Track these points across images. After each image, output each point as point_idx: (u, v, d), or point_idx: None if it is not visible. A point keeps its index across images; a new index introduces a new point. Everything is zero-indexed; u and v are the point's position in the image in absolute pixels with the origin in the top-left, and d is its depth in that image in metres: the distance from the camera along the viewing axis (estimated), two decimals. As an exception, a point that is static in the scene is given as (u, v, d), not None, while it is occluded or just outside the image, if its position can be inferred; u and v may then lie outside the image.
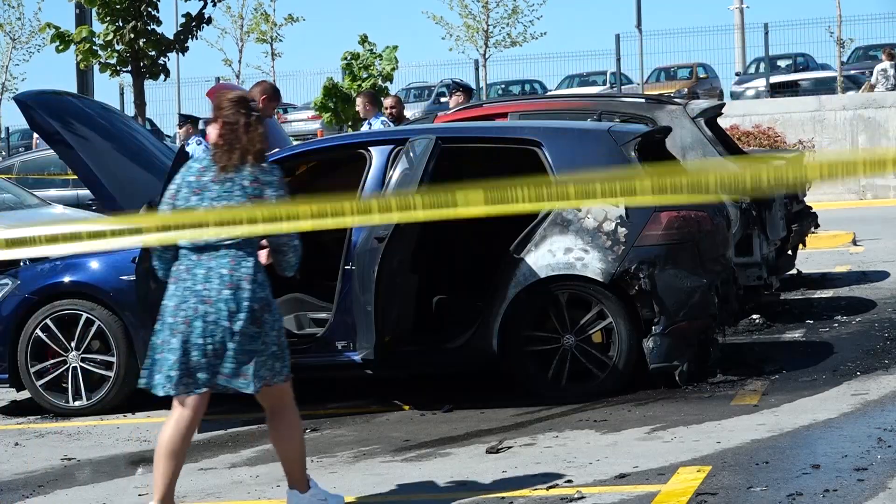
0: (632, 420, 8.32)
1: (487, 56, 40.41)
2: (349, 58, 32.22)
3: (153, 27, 22.09)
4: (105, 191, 9.75)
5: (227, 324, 6.36)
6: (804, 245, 13.55)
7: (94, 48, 22.11)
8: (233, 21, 43.99)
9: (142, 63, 22.14)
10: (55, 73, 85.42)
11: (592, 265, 8.95)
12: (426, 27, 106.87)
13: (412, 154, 8.95)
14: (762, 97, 34.27)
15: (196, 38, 22.35)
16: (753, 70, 40.22)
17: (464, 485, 7.08)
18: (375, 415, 9.05)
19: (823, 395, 8.64)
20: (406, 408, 9.16)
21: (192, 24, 22.25)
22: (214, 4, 22.43)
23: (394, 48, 32.02)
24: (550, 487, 6.89)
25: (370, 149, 9.41)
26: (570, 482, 6.96)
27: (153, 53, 22.16)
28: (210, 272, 6.41)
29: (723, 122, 13.60)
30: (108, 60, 22.20)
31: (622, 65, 36.60)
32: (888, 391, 8.67)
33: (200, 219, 4.48)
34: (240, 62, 44.02)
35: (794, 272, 13.49)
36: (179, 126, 20.64)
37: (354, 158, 9.59)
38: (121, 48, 21.95)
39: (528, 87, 42.46)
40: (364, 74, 31.93)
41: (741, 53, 43.37)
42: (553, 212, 9.09)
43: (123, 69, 22.43)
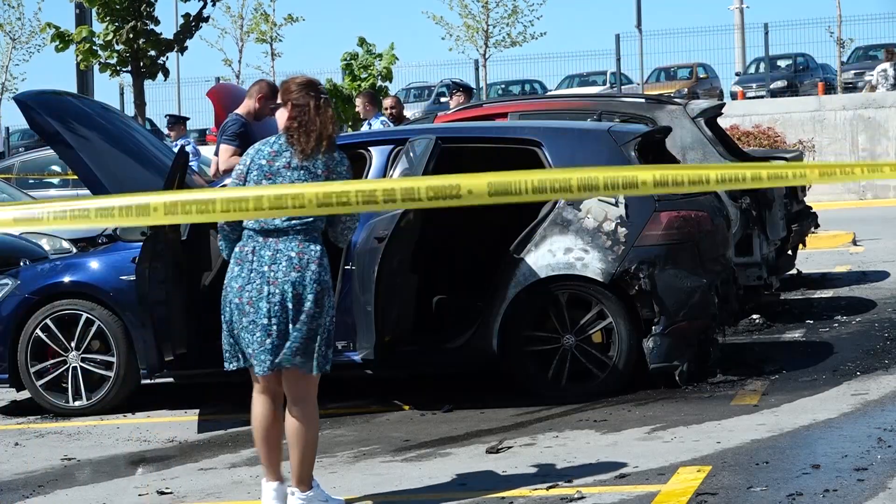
0: (632, 420, 8.32)
1: (487, 56, 40.41)
2: (349, 58, 32.21)
3: (152, 27, 22.09)
4: (105, 191, 9.75)
5: (292, 305, 6.49)
6: (804, 245, 13.56)
7: (94, 48, 22.11)
8: (233, 21, 44.02)
9: (141, 63, 22.15)
10: (55, 73, 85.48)
11: (592, 265, 8.95)
12: (426, 27, 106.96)
13: (412, 154, 8.95)
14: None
15: (192, 38, 22.35)
16: (753, 70, 40.24)
17: (464, 485, 7.08)
18: (375, 415, 9.05)
19: (823, 395, 8.64)
20: (406, 408, 9.16)
21: (192, 24, 22.26)
22: (214, 4, 22.44)
23: (391, 46, 32.01)
24: (550, 487, 6.89)
25: (370, 149, 9.41)
26: (570, 482, 6.96)
27: (153, 53, 22.16)
28: (278, 254, 6.53)
29: (723, 122, 13.60)
30: (108, 60, 22.21)
31: (622, 65, 36.64)
32: (888, 391, 8.67)
33: (208, 199, 4.45)
34: (240, 62, 44.05)
35: (794, 272, 13.49)
36: (169, 127, 20.64)
37: (354, 158, 9.57)
38: (120, 48, 21.95)
39: (528, 87, 42.47)
40: (364, 74, 31.92)
41: (741, 53, 43.40)
42: (553, 212, 9.09)
43: (123, 69, 22.44)
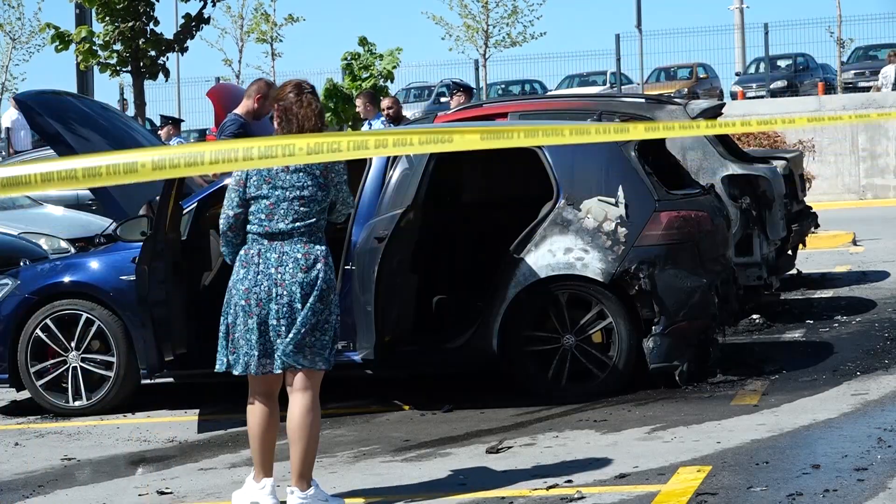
0: (632, 420, 8.32)
1: (487, 56, 40.41)
2: (349, 58, 32.20)
3: (152, 27, 22.09)
4: (105, 191, 9.75)
5: (300, 305, 6.59)
6: (804, 245, 13.56)
7: (94, 48, 22.11)
8: (233, 21, 44.02)
9: (141, 63, 22.14)
10: (55, 73, 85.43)
11: (592, 265, 8.95)
12: (426, 27, 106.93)
13: (412, 154, 8.95)
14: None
15: (193, 38, 22.34)
16: (753, 70, 40.24)
17: (464, 485, 7.08)
18: (375, 415, 9.05)
19: (823, 395, 8.64)
20: (406, 408, 9.16)
21: (192, 25, 22.25)
22: (214, 4, 22.43)
23: (397, 50, 32.03)
24: (550, 487, 6.89)
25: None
26: (570, 482, 6.96)
27: (153, 53, 22.16)
28: (284, 256, 6.62)
29: (723, 122, 13.56)
30: (108, 60, 22.20)
31: (622, 65, 36.65)
32: (888, 391, 8.67)
33: (196, 152, 4.41)
34: (240, 62, 44.06)
35: (794, 272, 13.49)
36: (161, 127, 20.66)
37: (354, 158, 9.57)
38: (120, 48, 21.95)
39: (528, 87, 42.48)
40: (364, 74, 31.91)
41: (741, 53, 43.40)
42: (553, 211, 9.09)
43: (123, 69, 22.43)
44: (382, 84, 32.17)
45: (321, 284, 6.63)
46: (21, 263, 11.68)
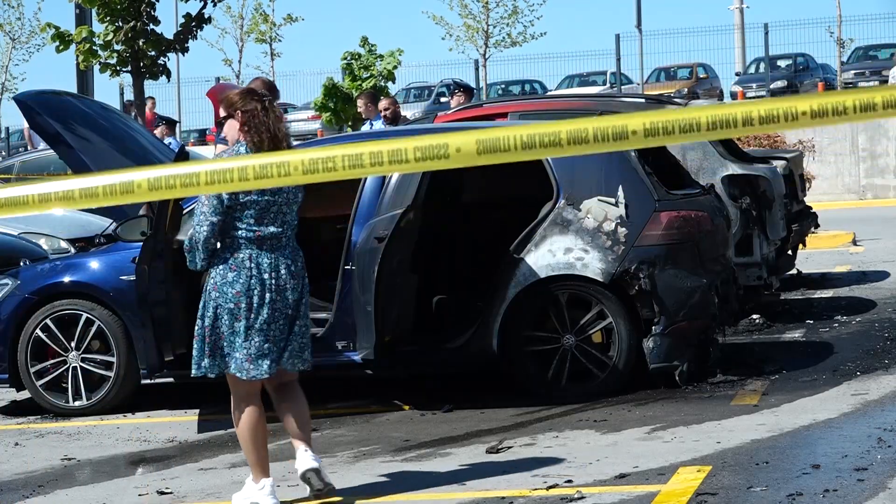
0: (632, 420, 8.32)
1: (487, 56, 40.42)
2: (349, 58, 32.21)
3: (153, 27, 22.07)
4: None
5: (292, 311, 6.69)
6: (804, 245, 13.56)
7: (94, 48, 22.09)
8: (233, 21, 44.03)
9: (142, 63, 22.12)
10: (55, 73, 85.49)
11: (592, 265, 8.95)
12: (426, 27, 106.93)
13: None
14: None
15: (196, 39, 22.33)
16: (753, 70, 40.24)
17: (464, 485, 7.08)
18: (375, 415, 9.05)
19: (823, 395, 8.64)
20: (406, 408, 9.16)
21: (192, 25, 22.23)
22: (214, 4, 22.41)
23: (398, 51, 32.04)
24: (550, 487, 6.89)
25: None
26: (570, 482, 6.96)
27: (153, 53, 22.14)
28: (277, 262, 6.68)
29: (723, 122, 13.56)
30: (108, 60, 22.18)
31: (622, 65, 36.67)
32: (888, 391, 8.67)
33: (191, 173, 4.42)
34: (240, 62, 44.07)
35: (794, 272, 13.50)
36: (155, 126, 20.66)
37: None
38: (120, 48, 21.94)
39: (528, 87, 42.50)
40: (364, 74, 31.91)
41: (741, 53, 43.41)
42: (553, 212, 9.09)
43: (123, 69, 22.41)
44: (383, 84, 32.17)
45: (307, 290, 6.83)
46: (21, 263, 11.68)
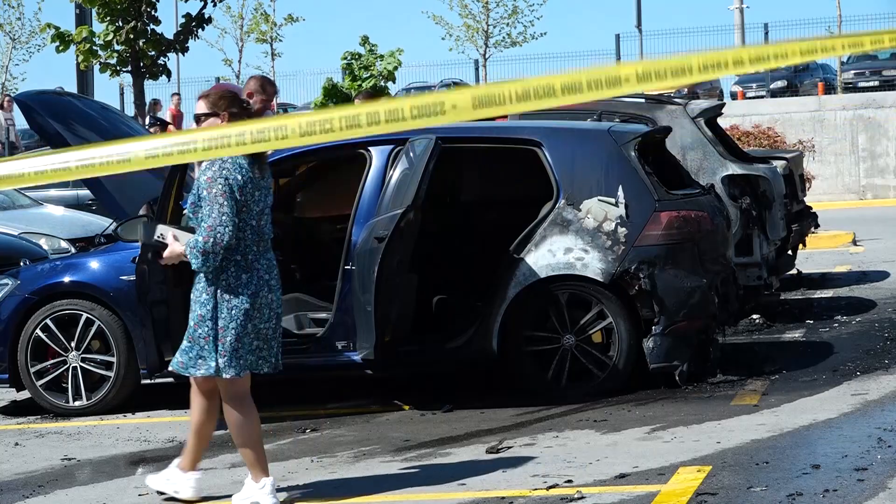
0: (632, 420, 8.32)
1: (487, 56, 40.40)
2: (349, 58, 32.19)
3: (153, 27, 22.09)
4: (105, 191, 9.75)
5: (280, 311, 6.86)
6: (804, 245, 13.56)
7: (94, 48, 22.10)
8: (233, 21, 43.98)
9: (142, 63, 22.14)
10: (55, 73, 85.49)
11: (592, 265, 8.95)
12: (426, 27, 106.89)
13: (412, 154, 8.95)
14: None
15: (196, 38, 22.35)
16: (753, 70, 40.17)
17: (464, 485, 7.08)
18: (375, 415, 9.05)
19: (823, 395, 8.64)
20: (406, 408, 9.16)
21: (192, 25, 22.25)
22: (214, 4, 22.43)
23: (398, 51, 32.03)
24: (550, 487, 6.89)
25: (370, 149, 9.41)
26: (570, 482, 6.96)
27: (153, 53, 22.16)
28: (270, 263, 6.86)
29: (723, 122, 13.61)
30: (108, 60, 22.20)
31: (622, 65, 36.61)
32: (888, 391, 8.67)
33: (189, 140, 4.41)
34: (240, 62, 44.01)
35: (794, 272, 13.50)
36: (149, 127, 20.66)
37: (354, 158, 9.59)
38: (121, 48, 21.95)
39: (528, 88, 42.41)
40: (364, 74, 31.90)
41: (741, 53, 43.30)
42: (553, 212, 9.09)
43: (123, 69, 22.43)
44: (383, 84, 32.15)
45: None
46: (21, 263, 11.68)
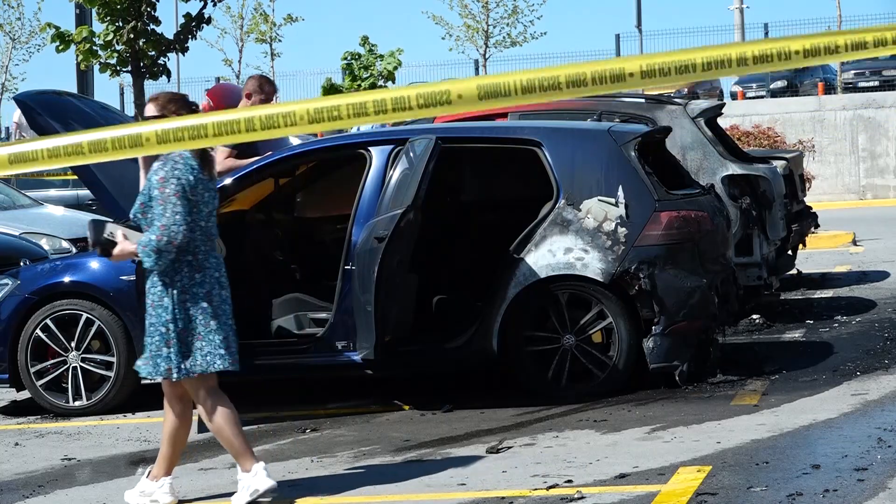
0: (632, 420, 8.32)
1: (487, 56, 40.40)
2: (349, 58, 32.21)
3: (153, 27, 22.07)
4: (105, 191, 9.74)
5: (229, 307, 6.92)
6: (804, 245, 13.56)
7: (94, 48, 22.09)
8: (233, 21, 43.95)
9: (142, 63, 22.12)
10: (55, 73, 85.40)
11: (592, 265, 8.95)
12: (426, 27, 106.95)
13: (412, 154, 8.95)
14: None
15: (196, 39, 22.34)
16: (757, 70, 40.16)
17: (464, 485, 7.08)
18: (375, 415, 9.05)
19: (823, 395, 8.64)
20: (406, 408, 9.16)
21: (192, 25, 22.23)
22: (214, 4, 22.41)
23: (398, 51, 32.05)
24: (550, 487, 6.89)
25: (370, 149, 9.41)
26: (570, 482, 6.96)
27: (153, 53, 22.14)
28: (218, 262, 6.92)
29: (723, 122, 13.61)
30: (108, 60, 22.18)
31: (622, 65, 36.58)
32: (888, 391, 8.67)
33: (199, 125, 4.42)
34: (240, 62, 43.96)
35: (794, 272, 13.50)
36: None
37: (354, 158, 9.59)
38: (121, 48, 21.93)
39: (528, 88, 42.41)
40: (364, 74, 31.91)
41: (741, 53, 43.32)
42: (553, 211, 9.09)
43: (123, 69, 22.41)
44: (383, 84, 32.18)
45: None
46: (21, 263, 11.68)
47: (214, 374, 6.90)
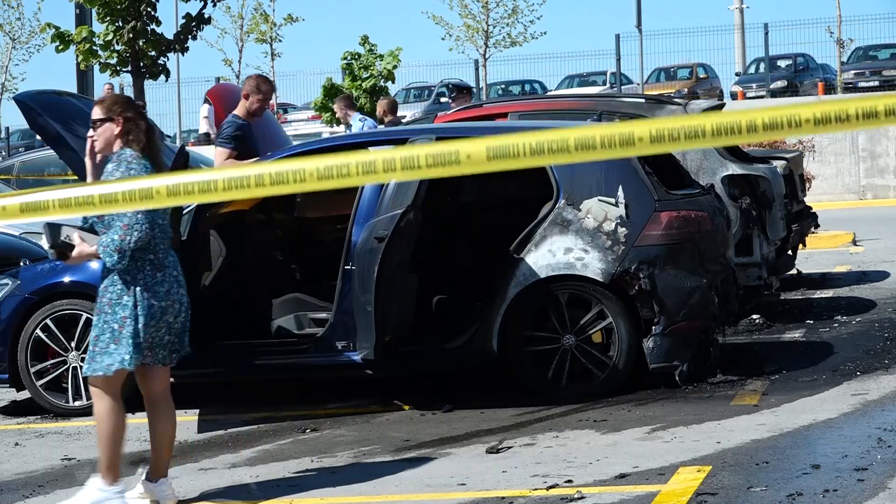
0: (632, 420, 8.32)
1: (487, 56, 40.42)
2: (349, 58, 32.20)
3: (153, 27, 22.08)
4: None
5: (187, 304, 7.03)
6: (804, 245, 13.56)
7: (94, 48, 22.10)
8: (233, 21, 44.02)
9: (142, 63, 22.13)
10: (55, 73, 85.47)
11: (592, 265, 8.95)
12: (426, 27, 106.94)
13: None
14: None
15: (196, 39, 22.35)
16: (753, 70, 40.23)
17: (464, 485, 7.08)
18: (375, 415, 9.05)
19: (823, 395, 8.64)
20: (406, 408, 9.16)
21: (192, 25, 22.24)
22: (214, 4, 22.42)
23: (397, 49, 32.03)
24: (550, 487, 6.89)
25: (370, 149, 9.40)
26: (570, 482, 6.96)
27: (153, 53, 22.15)
28: (175, 260, 7.01)
29: (723, 122, 13.57)
30: (108, 60, 22.19)
31: (622, 65, 36.64)
32: (888, 391, 8.67)
33: (209, 181, 4.48)
34: (240, 62, 44.04)
35: (794, 272, 13.50)
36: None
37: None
38: (121, 48, 21.94)
39: (528, 87, 42.47)
40: (364, 74, 31.90)
41: (741, 53, 43.39)
42: (553, 212, 9.09)
43: (123, 69, 22.43)
44: (382, 84, 32.17)
45: None
46: (21, 263, 11.68)
47: (124, 374, 6.86)
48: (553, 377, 9.03)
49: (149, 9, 21.88)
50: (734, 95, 37.04)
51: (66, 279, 9.63)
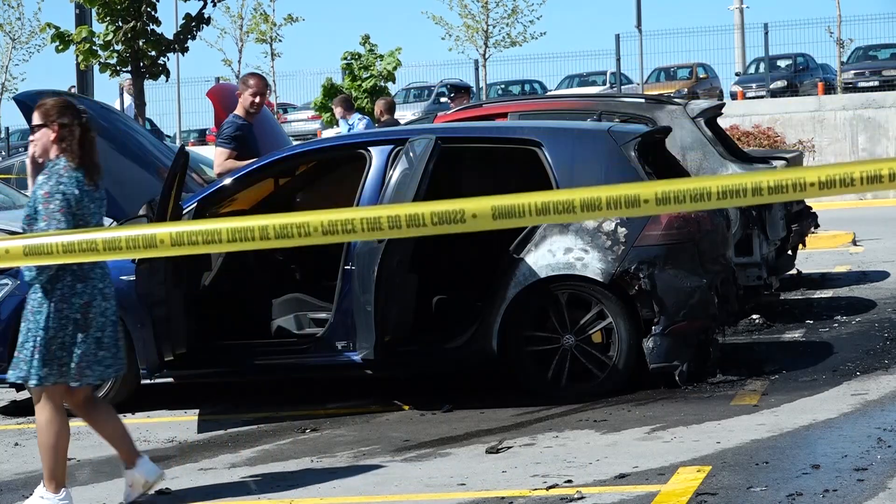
0: (632, 420, 8.32)
1: (487, 56, 40.41)
2: (349, 58, 32.20)
3: (153, 27, 22.07)
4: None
5: (114, 318, 6.87)
6: (804, 245, 13.56)
7: (94, 48, 22.08)
8: (232, 21, 43.98)
9: (142, 63, 22.12)
10: (55, 73, 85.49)
11: (592, 265, 8.95)
12: (426, 27, 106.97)
13: (412, 154, 8.95)
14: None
15: (196, 39, 22.34)
16: (753, 70, 40.24)
17: (464, 485, 7.08)
18: (375, 415, 9.05)
19: (823, 395, 8.64)
20: (406, 408, 9.16)
21: (192, 25, 22.23)
22: (214, 5, 22.41)
23: (397, 50, 32.03)
24: (550, 487, 6.89)
25: (370, 149, 9.41)
26: (570, 482, 6.96)
27: (153, 53, 22.14)
28: (104, 271, 6.86)
29: (723, 122, 13.62)
30: (108, 60, 22.18)
31: (622, 65, 36.64)
32: (888, 391, 8.67)
33: (214, 230, 4.49)
34: (239, 62, 43.99)
35: (794, 272, 13.50)
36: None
37: (354, 158, 9.59)
38: (121, 48, 21.93)
39: (528, 87, 42.48)
40: (364, 74, 31.90)
41: (741, 53, 43.40)
42: (553, 212, 9.08)
43: (123, 69, 22.41)
44: (382, 84, 32.17)
45: None
46: (21, 263, 11.65)
47: (62, 388, 6.81)
48: (553, 377, 9.03)
49: (149, 9, 21.85)
50: (734, 95, 37.04)
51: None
